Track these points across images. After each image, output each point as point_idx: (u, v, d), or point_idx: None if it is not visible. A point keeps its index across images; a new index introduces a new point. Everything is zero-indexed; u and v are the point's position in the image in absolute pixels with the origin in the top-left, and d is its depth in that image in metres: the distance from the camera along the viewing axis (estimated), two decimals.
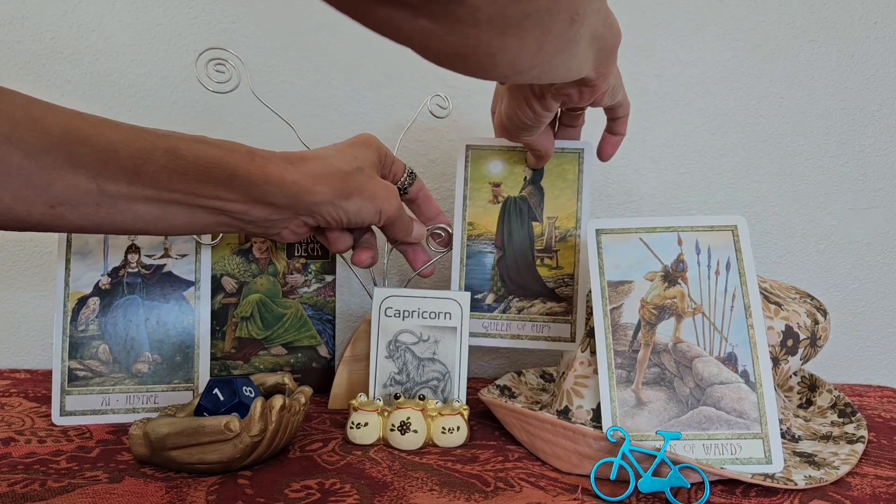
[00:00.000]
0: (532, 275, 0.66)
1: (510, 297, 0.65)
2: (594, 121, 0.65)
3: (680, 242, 0.55)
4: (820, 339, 0.59)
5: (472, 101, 0.83)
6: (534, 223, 0.66)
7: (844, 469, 0.50)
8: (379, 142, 0.61)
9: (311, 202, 0.53)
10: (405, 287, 0.68)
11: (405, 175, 0.64)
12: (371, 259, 0.62)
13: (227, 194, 0.50)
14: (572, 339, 0.64)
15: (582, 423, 0.53)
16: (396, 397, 0.58)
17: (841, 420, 0.62)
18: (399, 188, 0.63)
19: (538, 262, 0.66)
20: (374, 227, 0.63)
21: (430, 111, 0.71)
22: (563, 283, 0.65)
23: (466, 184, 0.67)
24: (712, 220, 0.56)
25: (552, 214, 0.66)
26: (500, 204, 0.67)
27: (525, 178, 0.67)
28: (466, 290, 0.66)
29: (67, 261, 0.62)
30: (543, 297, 0.65)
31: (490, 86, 0.84)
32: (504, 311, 0.65)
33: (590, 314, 0.58)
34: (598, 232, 0.56)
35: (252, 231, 0.55)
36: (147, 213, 0.49)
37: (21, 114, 0.44)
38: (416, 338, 0.61)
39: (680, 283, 0.54)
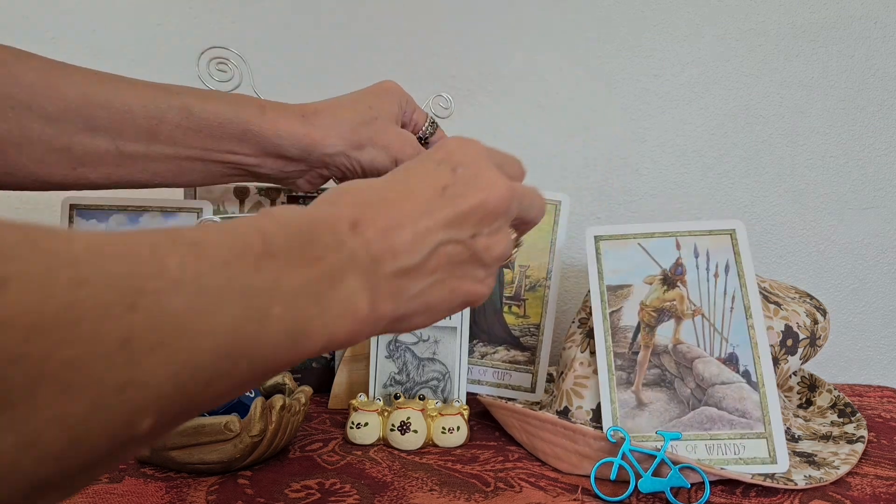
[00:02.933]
0: (498, 321, 0.66)
1: (475, 342, 0.65)
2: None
3: (678, 247, 0.55)
4: (819, 338, 0.59)
5: (473, 100, 0.83)
6: (505, 269, 0.66)
7: (844, 469, 0.50)
8: (401, 90, 0.61)
9: (323, 154, 0.54)
10: None
11: (427, 124, 0.63)
12: None
13: (240, 149, 0.52)
14: (532, 390, 0.64)
15: (582, 424, 0.53)
16: (396, 397, 0.58)
17: (841, 420, 0.61)
18: (420, 138, 0.63)
19: (506, 309, 0.66)
20: None
21: (433, 111, 0.71)
22: (528, 333, 0.65)
23: None
24: (710, 225, 0.56)
25: (524, 263, 0.66)
26: None
27: None
28: None
29: None
30: (508, 345, 0.65)
31: (491, 86, 0.85)
32: (468, 355, 0.65)
33: (589, 314, 0.58)
34: (597, 238, 0.56)
35: (267, 181, 0.57)
36: (165, 170, 0.51)
37: (40, 81, 0.45)
38: (416, 338, 0.61)
39: (679, 286, 0.54)
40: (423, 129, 0.63)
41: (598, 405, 0.53)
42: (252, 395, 0.52)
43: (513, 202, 0.36)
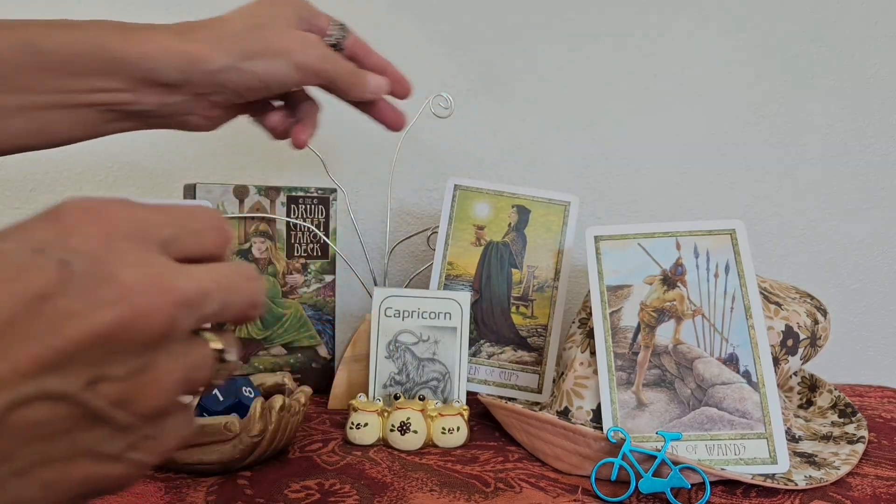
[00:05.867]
0: (506, 322, 0.65)
1: (482, 342, 0.65)
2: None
3: (678, 247, 0.55)
4: (820, 338, 0.59)
5: (473, 100, 0.83)
6: (513, 270, 0.66)
7: (845, 469, 0.50)
8: None
9: (208, 71, 0.45)
10: (405, 287, 0.68)
11: (332, 27, 0.52)
12: (310, 136, 0.53)
13: (106, 83, 0.43)
14: (539, 391, 0.64)
15: (582, 424, 0.53)
16: (396, 397, 0.58)
17: (841, 420, 0.61)
18: (332, 45, 0.52)
19: (513, 309, 0.66)
20: (317, 100, 0.54)
21: (433, 111, 0.71)
22: (535, 333, 0.65)
23: (450, 223, 0.67)
24: (711, 225, 0.56)
25: (533, 263, 0.66)
26: (482, 247, 0.66)
27: (510, 224, 0.67)
28: None
29: None
30: (515, 346, 0.65)
31: (491, 85, 0.84)
32: (474, 355, 0.65)
33: (589, 314, 0.58)
34: (597, 238, 0.56)
35: (154, 123, 0.48)
36: (23, 127, 0.42)
37: None
38: (416, 338, 0.61)
39: (679, 286, 0.54)
40: (329, 33, 0.52)
41: (599, 405, 0.53)
42: (252, 396, 0.52)
43: (185, 314, 0.22)
